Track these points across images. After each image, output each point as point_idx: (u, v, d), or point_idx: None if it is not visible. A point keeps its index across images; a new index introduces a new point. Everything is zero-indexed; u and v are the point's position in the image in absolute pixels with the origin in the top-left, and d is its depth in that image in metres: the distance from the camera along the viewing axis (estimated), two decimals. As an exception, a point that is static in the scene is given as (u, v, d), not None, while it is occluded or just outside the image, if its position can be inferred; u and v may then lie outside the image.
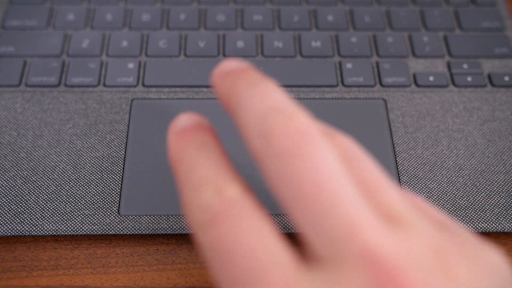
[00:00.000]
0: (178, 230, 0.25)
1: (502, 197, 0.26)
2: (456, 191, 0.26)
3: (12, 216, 0.25)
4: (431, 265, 0.14)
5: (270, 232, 0.14)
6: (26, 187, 0.26)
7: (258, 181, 0.26)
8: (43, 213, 0.25)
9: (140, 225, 0.25)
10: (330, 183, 0.14)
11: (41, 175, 0.26)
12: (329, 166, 0.14)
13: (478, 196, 0.26)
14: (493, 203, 0.26)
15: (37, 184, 0.26)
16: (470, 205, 0.26)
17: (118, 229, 0.25)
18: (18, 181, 0.26)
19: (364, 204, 0.14)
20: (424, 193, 0.26)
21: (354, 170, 0.15)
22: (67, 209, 0.25)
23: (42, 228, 0.25)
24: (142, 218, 0.25)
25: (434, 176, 0.27)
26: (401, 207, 0.15)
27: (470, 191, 0.26)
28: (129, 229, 0.25)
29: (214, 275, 0.15)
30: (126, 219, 0.25)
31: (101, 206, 0.25)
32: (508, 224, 0.25)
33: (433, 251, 0.14)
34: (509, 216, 0.26)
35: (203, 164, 0.16)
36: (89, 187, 0.26)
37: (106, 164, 0.27)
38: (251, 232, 0.14)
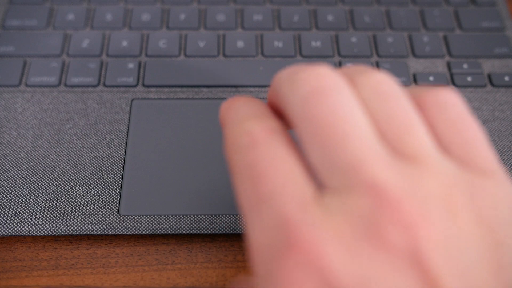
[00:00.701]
0: (178, 230, 0.25)
1: (502, 197, 0.26)
2: (456, 191, 0.26)
3: (12, 216, 0.25)
4: (434, 203, 0.15)
5: (297, 161, 0.16)
6: (26, 187, 0.26)
7: None
8: (43, 213, 0.25)
9: (140, 225, 0.25)
10: (344, 121, 0.16)
11: (41, 175, 0.26)
12: (345, 107, 0.16)
13: (478, 196, 0.26)
14: (493, 203, 0.26)
15: (37, 184, 0.26)
16: (470, 205, 0.26)
17: (118, 229, 0.25)
18: (18, 181, 0.26)
19: (376, 142, 0.16)
20: (424, 193, 0.26)
21: (383, 108, 0.17)
22: (67, 209, 0.25)
23: (42, 228, 0.25)
24: (142, 218, 0.25)
25: (434, 176, 0.27)
26: (420, 147, 0.16)
27: (470, 191, 0.26)
28: (129, 229, 0.25)
29: (241, 193, 0.17)
30: (126, 219, 0.25)
31: (101, 206, 0.25)
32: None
33: (443, 192, 0.15)
34: (509, 216, 0.26)
35: (247, 108, 0.19)
36: (89, 187, 0.26)
37: (106, 164, 0.27)
38: (283, 158, 0.16)
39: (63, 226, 0.25)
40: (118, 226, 0.25)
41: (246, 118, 0.18)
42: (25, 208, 0.25)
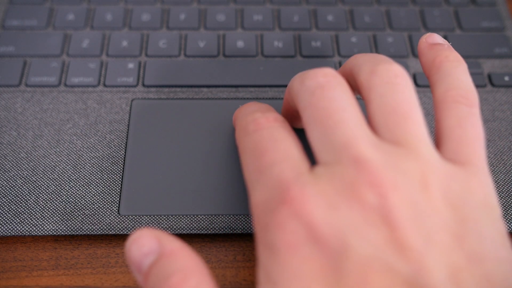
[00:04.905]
0: (179, 230, 0.25)
1: (501, 197, 0.26)
2: (456, 191, 0.26)
3: (12, 216, 0.25)
4: (408, 177, 0.17)
5: (294, 142, 0.20)
6: (26, 187, 0.26)
7: None
8: (43, 213, 0.25)
9: (140, 225, 0.25)
10: (340, 110, 0.19)
11: (41, 175, 0.26)
12: (342, 99, 0.19)
13: (478, 196, 0.26)
14: (493, 203, 0.26)
15: (37, 184, 0.26)
16: (470, 205, 0.26)
17: (118, 229, 0.25)
18: (18, 181, 0.26)
19: (365, 128, 0.19)
20: (424, 193, 0.26)
21: (387, 99, 0.19)
22: (67, 209, 0.25)
23: (42, 228, 0.25)
24: (142, 218, 0.25)
25: (434, 176, 0.27)
26: (411, 136, 0.19)
27: (470, 191, 0.26)
28: (129, 229, 0.25)
29: (246, 166, 0.20)
30: (126, 219, 0.25)
31: (101, 206, 0.25)
32: (508, 224, 0.25)
33: (420, 172, 0.18)
34: (509, 216, 0.26)
35: (254, 106, 0.23)
36: (89, 187, 0.26)
37: (106, 164, 0.27)
38: (282, 139, 0.20)
39: (63, 226, 0.25)
40: (118, 226, 0.25)
41: (253, 111, 0.22)
42: (25, 208, 0.25)
